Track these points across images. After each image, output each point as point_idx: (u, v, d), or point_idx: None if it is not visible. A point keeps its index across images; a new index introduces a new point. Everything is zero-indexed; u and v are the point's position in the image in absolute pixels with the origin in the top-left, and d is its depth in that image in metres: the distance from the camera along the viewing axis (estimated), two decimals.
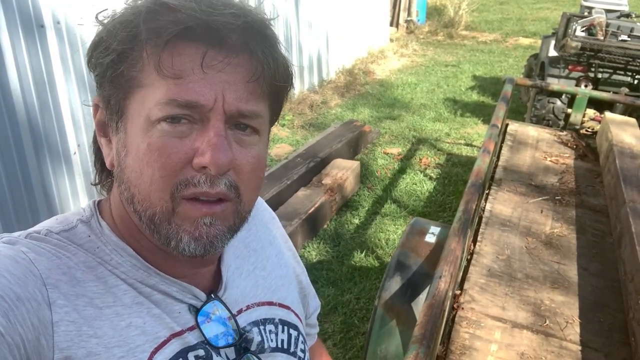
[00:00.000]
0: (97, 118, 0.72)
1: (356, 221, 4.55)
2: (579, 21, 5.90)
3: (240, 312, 0.80)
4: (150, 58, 0.62)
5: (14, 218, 3.41)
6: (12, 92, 3.34)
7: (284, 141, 6.13)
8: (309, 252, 4.05)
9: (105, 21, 0.66)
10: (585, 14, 6.36)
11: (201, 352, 0.72)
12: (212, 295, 0.77)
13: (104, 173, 0.78)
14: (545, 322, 1.86)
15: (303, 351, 0.88)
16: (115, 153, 0.69)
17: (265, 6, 6.23)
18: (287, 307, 0.89)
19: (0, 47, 3.25)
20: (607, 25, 5.78)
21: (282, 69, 0.69)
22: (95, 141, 0.76)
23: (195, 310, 0.74)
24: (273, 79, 0.68)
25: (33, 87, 3.47)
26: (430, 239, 2.16)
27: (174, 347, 0.70)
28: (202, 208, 0.65)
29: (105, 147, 0.72)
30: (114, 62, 0.64)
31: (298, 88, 7.46)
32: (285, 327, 0.86)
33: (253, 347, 0.79)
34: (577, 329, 1.84)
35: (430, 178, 5.41)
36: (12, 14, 3.29)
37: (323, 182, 4.60)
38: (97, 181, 0.79)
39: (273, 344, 0.82)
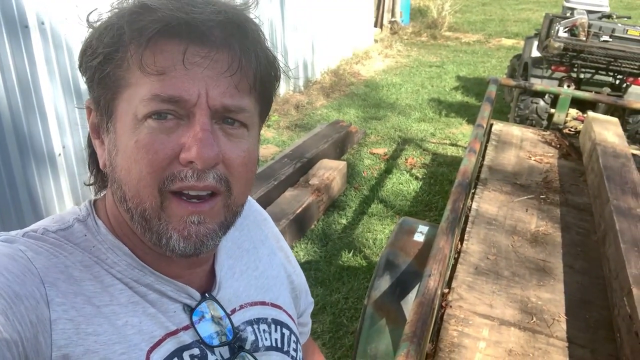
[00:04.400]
0: (91, 121, 0.73)
1: (343, 221, 4.56)
2: (562, 22, 5.97)
3: (233, 311, 0.81)
4: (134, 57, 0.64)
5: None
6: None
7: (270, 142, 6.12)
8: (297, 252, 4.05)
9: (95, 25, 0.67)
10: (568, 15, 6.43)
11: (196, 351, 0.73)
12: (207, 294, 0.78)
13: (99, 175, 0.78)
14: (532, 319, 1.89)
15: (295, 350, 0.89)
16: (107, 153, 0.69)
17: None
18: (279, 307, 0.90)
19: None
20: (589, 26, 5.85)
21: (265, 62, 0.70)
22: (89, 144, 0.76)
23: (190, 310, 0.75)
24: (257, 73, 0.69)
25: (17, 88, 3.43)
26: (419, 238, 2.18)
27: (169, 346, 0.71)
28: (187, 206, 0.66)
29: (99, 148, 0.73)
30: (101, 64, 0.66)
31: (283, 88, 7.46)
32: (278, 327, 0.87)
33: (247, 346, 0.80)
34: (564, 326, 1.86)
35: (416, 178, 5.45)
36: None
37: (310, 182, 4.61)
38: (91, 182, 0.79)
39: (267, 343, 0.83)
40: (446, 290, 2.02)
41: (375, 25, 11.92)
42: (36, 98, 3.58)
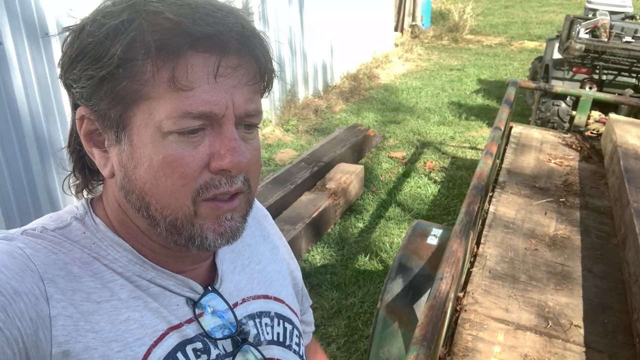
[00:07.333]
0: (85, 129, 0.70)
1: (360, 225, 4.54)
2: (583, 23, 5.89)
3: (236, 305, 0.81)
4: (161, 71, 0.62)
5: (19, 224, 3.42)
6: (17, 98, 3.36)
7: (289, 146, 6.13)
8: (313, 256, 4.04)
9: (87, 30, 0.64)
10: (590, 16, 6.34)
11: (199, 345, 0.73)
12: (210, 287, 0.78)
13: (96, 177, 0.78)
14: (548, 323, 1.85)
15: (298, 344, 0.89)
16: (118, 164, 0.68)
17: (268, 12, 6.25)
18: (282, 301, 0.90)
19: (5, 55, 3.27)
20: (611, 27, 5.76)
21: (271, 62, 0.72)
22: (74, 150, 0.76)
23: (193, 303, 0.75)
24: (270, 76, 0.72)
25: (38, 94, 3.49)
26: (432, 241, 2.15)
27: (172, 340, 0.71)
28: (222, 206, 0.69)
29: (100, 157, 0.70)
30: (113, 75, 0.63)
31: (303, 93, 7.47)
32: (281, 321, 0.87)
33: (250, 339, 0.80)
34: (581, 331, 1.83)
35: (435, 181, 5.40)
36: (16, 21, 3.31)
37: (327, 186, 4.59)
38: (79, 189, 0.78)
39: (269, 337, 0.83)
40: (461, 294, 1.99)
41: (396, 30, 11.89)
42: (56, 103, 3.63)
